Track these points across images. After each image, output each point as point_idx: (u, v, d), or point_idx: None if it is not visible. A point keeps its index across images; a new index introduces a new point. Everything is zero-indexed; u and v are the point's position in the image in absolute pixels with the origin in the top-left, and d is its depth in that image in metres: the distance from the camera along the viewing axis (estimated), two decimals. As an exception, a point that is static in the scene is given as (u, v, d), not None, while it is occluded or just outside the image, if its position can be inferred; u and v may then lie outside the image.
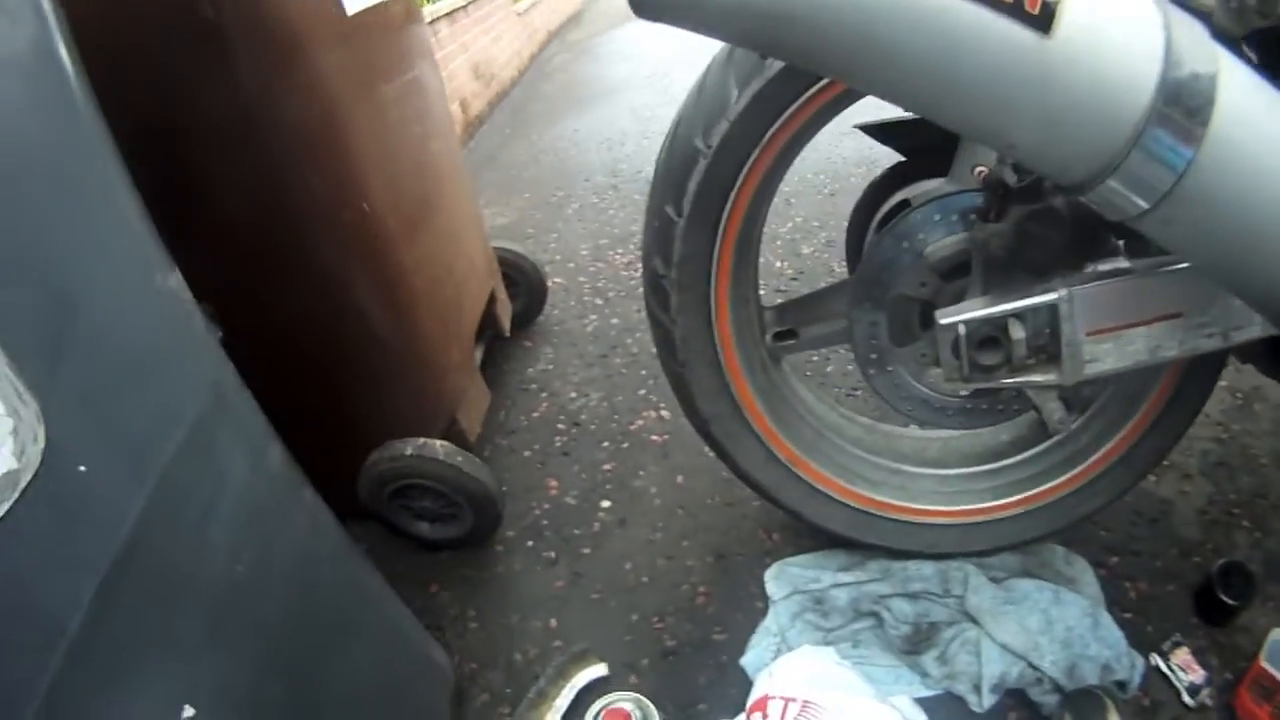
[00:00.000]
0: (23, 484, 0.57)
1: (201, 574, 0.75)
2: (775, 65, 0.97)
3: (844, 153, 3.14)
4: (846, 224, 1.50)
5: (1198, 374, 1.16)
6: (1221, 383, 1.58)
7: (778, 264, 2.45)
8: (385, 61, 1.42)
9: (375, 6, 1.38)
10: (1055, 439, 1.27)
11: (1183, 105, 0.62)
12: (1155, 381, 1.18)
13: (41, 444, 0.58)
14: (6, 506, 0.56)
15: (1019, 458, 1.31)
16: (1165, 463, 1.37)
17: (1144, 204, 0.66)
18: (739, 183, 1.06)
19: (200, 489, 0.77)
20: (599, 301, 2.42)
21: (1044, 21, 0.60)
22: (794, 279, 2.36)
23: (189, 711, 0.70)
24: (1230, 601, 1.20)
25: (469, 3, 4.91)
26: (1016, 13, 0.59)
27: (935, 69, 0.63)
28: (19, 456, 0.57)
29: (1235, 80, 0.64)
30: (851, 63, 0.66)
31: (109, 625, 0.63)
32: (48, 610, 0.59)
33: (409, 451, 1.40)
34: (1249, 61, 0.71)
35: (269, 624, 0.84)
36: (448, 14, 4.47)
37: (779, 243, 2.57)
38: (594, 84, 5.24)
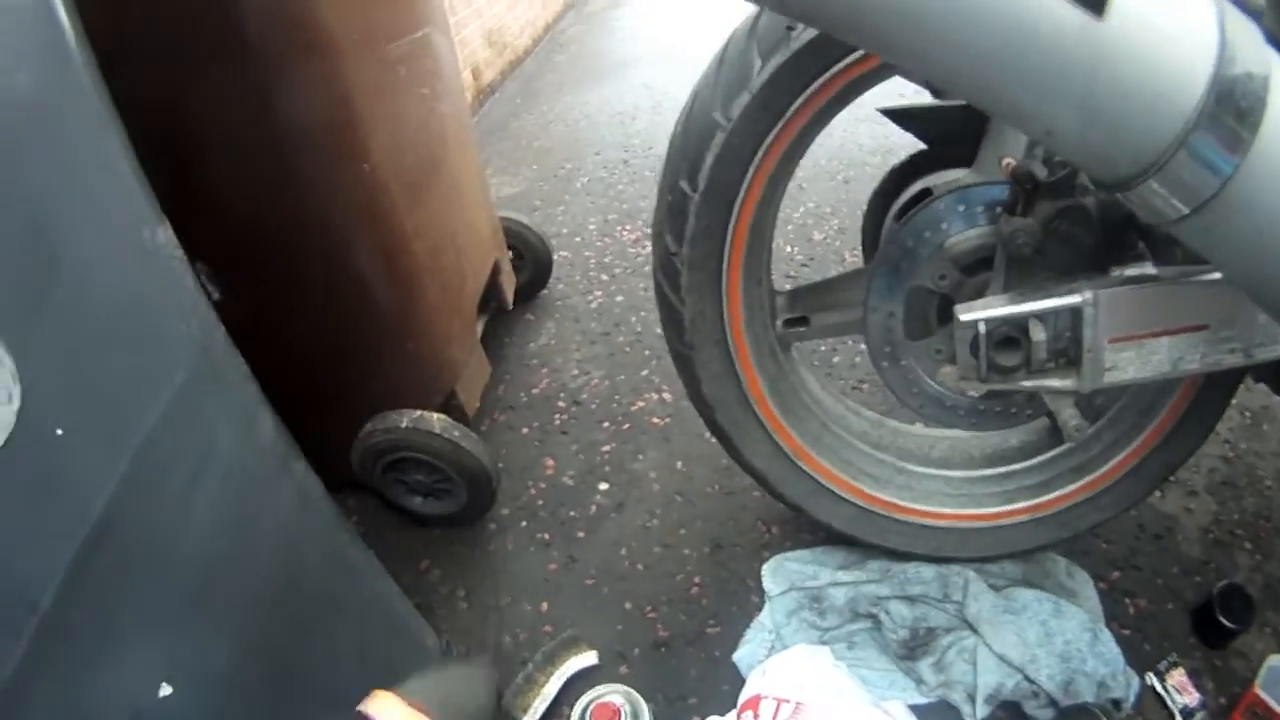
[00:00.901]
0: (-6, 446, 0.54)
1: (182, 548, 0.73)
2: (801, 38, 0.94)
3: (860, 140, 3.09)
4: (863, 211, 1.47)
5: (1214, 389, 1.14)
6: (1231, 400, 1.57)
7: (788, 249, 2.42)
8: (393, 18, 1.37)
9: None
10: (1066, 446, 1.25)
11: (1234, 106, 0.58)
12: (1171, 394, 1.15)
13: (16, 404, 0.56)
14: (-24, 471, 0.53)
15: (1028, 463, 1.29)
16: (1170, 479, 1.34)
17: (1184, 209, 0.62)
18: (758, 159, 1.03)
19: (184, 458, 0.74)
20: (604, 278, 2.39)
21: (1100, 3, 0.56)
22: (804, 265, 2.34)
23: (166, 690, 0.68)
24: (1229, 624, 1.18)
25: (486, -33, 4.83)
26: (1072, -8, 0.55)
27: (977, 43, 0.59)
28: (-9, 417, 0.54)
29: None
30: (888, 31, 0.61)
31: (83, 600, 0.61)
32: (18, 584, 0.57)
33: (404, 424, 1.36)
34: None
35: (252, 601, 0.82)
36: (463, -23, 4.39)
37: (790, 228, 2.53)
38: (608, 57, 5.17)
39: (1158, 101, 0.59)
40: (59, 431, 0.60)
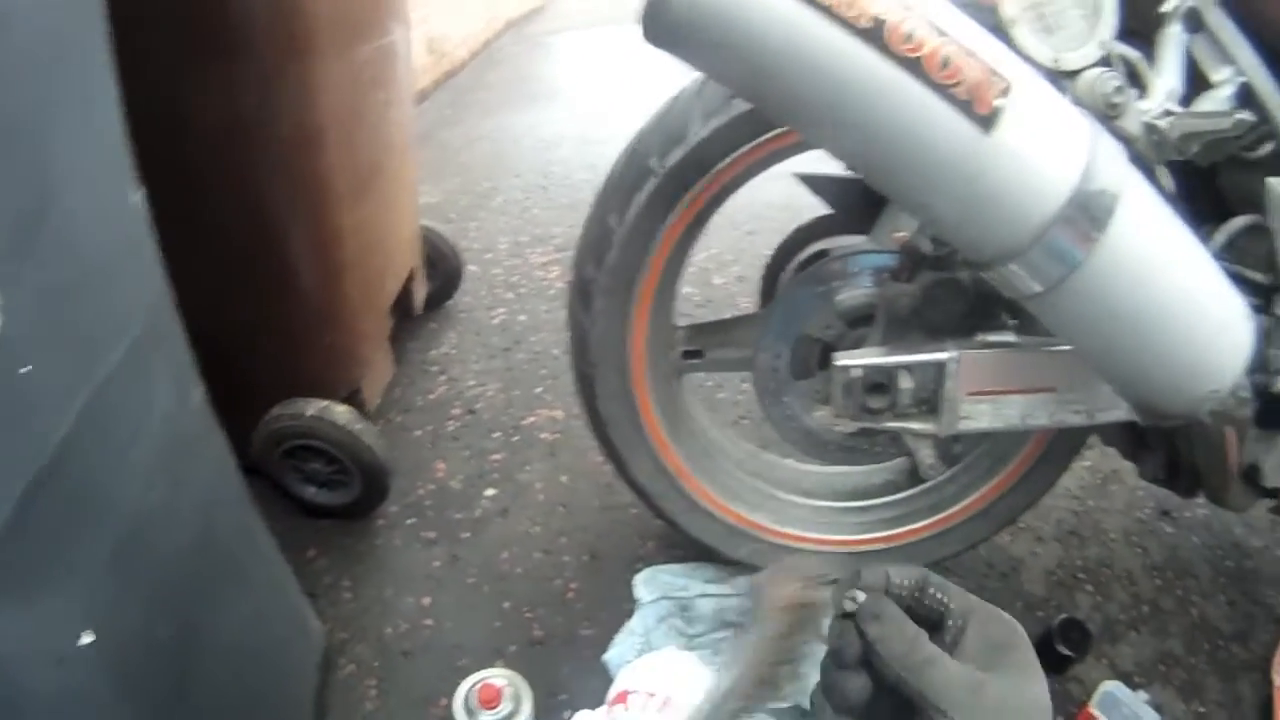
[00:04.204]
0: (-36, 375, 0.56)
1: (118, 498, 0.74)
2: (739, 108, 1.04)
3: (768, 196, 3.23)
4: (762, 261, 1.58)
5: (1061, 446, 1.28)
6: (1085, 462, 1.72)
7: (687, 289, 2.49)
8: (366, 21, 1.42)
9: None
10: (923, 486, 1.38)
11: (1086, 214, 0.73)
12: (1022, 446, 1.29)
13: (-5, 335, 0.56)
14: (-58, 396, 0.55)
15: (888, 499, 1.41)
16: (1020, 525, 1.48)
17: (1037, 288, 0.77)
18: (681, 206, 1.13)
19: (129, 411, 0.76)
20: (510, 296, 2.44)
21: (988, 122, 0.70)
22: (700, 305, 2.44)
23: (88, 638, 0.68)
24: (1067, 653, 1.29)
25: (439, -25, 4.81)
26: (966, 110, 0.69)
27: (883, 136, 0.72)
28: (-33, 345, 0.55)
29: (1136, 202, 0.76)
30: (817, 122, 0.75)
31: (26, 537, 0.61)
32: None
33: (310, 411, 1.40)
34: (1160, 184, 0.85)
35: (169, 561, 0.83)
36: (416, -17, 4.38)
37: (692, 270, 2.60)
38: (541, 81, 5.22)
39: (1023, 206, 0.73)
40: (25, 370, 0.60)
